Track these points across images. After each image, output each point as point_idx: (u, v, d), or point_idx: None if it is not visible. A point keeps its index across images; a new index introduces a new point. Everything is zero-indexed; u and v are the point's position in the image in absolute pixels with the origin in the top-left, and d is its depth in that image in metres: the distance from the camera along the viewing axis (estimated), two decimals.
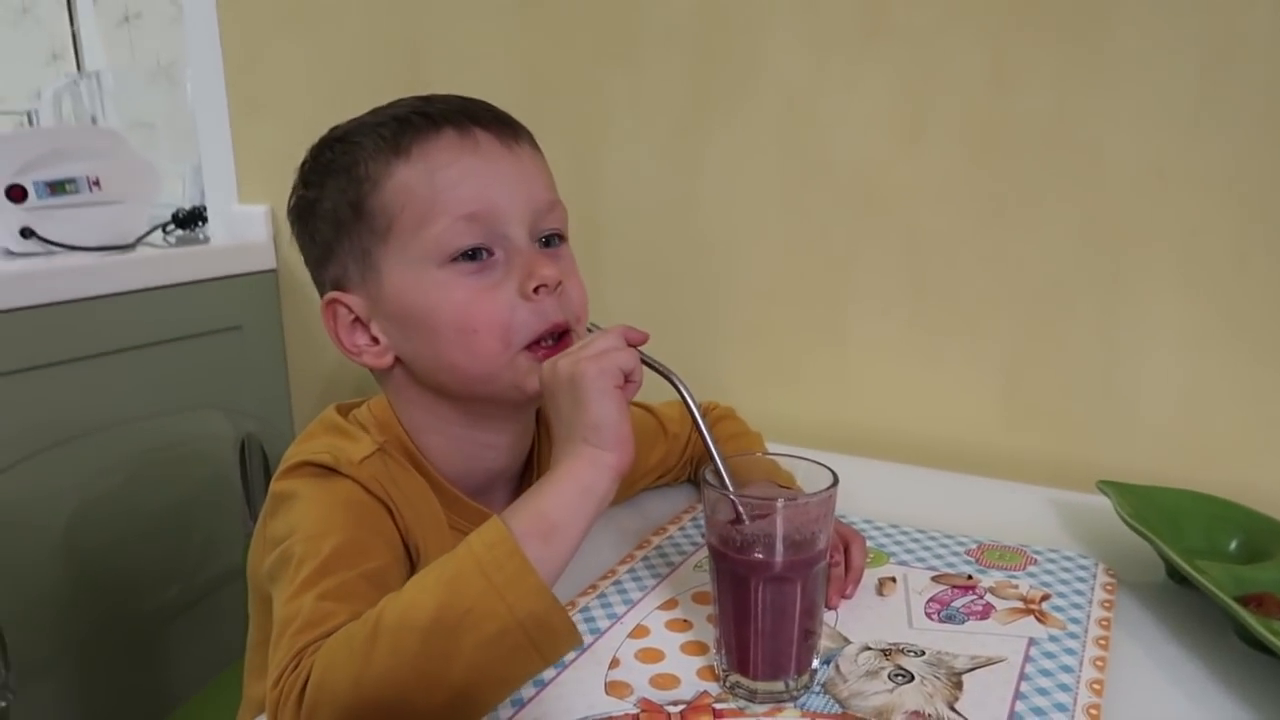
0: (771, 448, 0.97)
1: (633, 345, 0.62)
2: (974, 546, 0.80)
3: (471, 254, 0.65)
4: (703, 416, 0.62)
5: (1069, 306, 0.97)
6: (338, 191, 0.67)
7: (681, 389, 0.62)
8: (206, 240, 1.55)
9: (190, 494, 1.23)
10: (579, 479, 0.57)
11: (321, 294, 0.70)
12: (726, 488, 0.58)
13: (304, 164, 0.70)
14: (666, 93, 1.14)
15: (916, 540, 0.82)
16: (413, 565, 0.66)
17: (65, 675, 1.18)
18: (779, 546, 0.56)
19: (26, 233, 1.30)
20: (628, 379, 0.61)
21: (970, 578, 0.75)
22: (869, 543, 0.81)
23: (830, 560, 0.70)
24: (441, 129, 0.65)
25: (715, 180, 1.13)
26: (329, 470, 0.64)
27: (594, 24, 1.17)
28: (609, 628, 0.67)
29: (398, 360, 0.69)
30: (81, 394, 1.25)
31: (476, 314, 0.64)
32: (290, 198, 0.71)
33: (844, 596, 0.71)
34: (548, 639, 0.51)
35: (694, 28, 1.10)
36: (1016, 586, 0.73)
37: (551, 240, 0.69)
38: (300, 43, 1.43)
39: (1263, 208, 0.87)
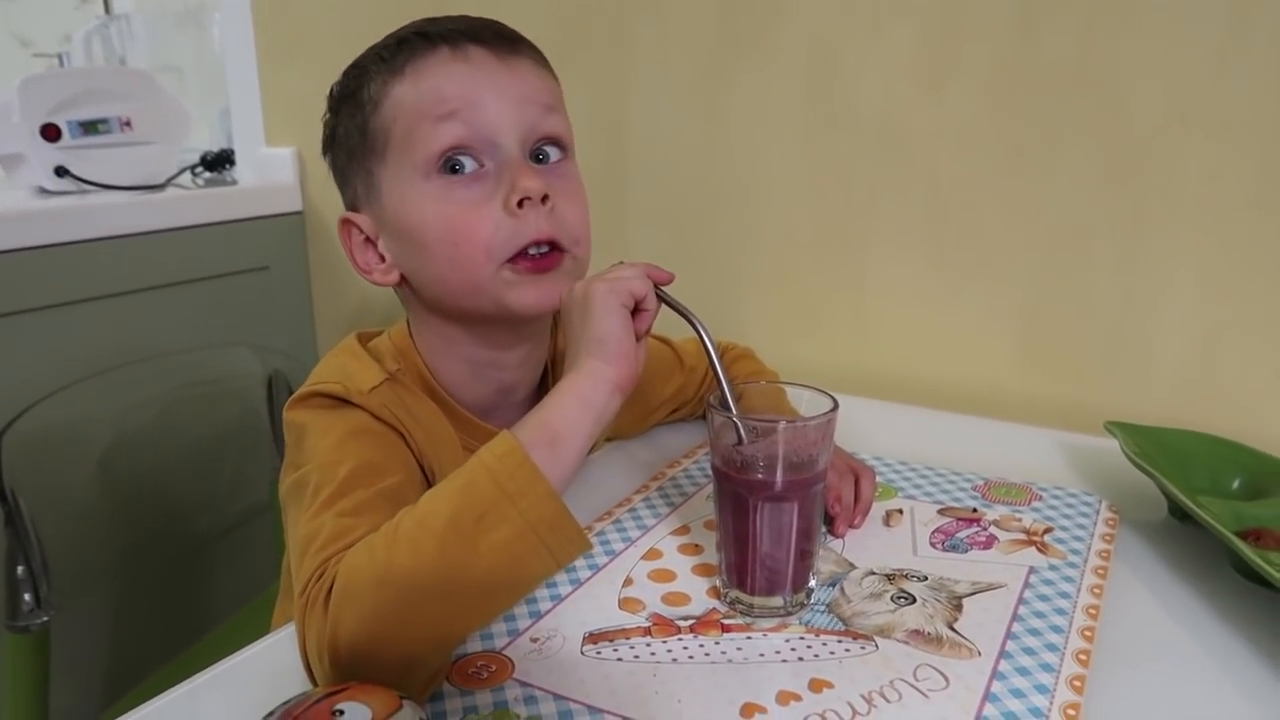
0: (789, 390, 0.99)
1: (655, 282, 0.63)
2: (980, 483, 0.82)
3: (458, 165, 0.64)
4: (718, 353, 0.63)
5: (1087, 251, 0.97)
6: (348, 117, 0.68)
7: (695, 322, 0.63)
8: (234, 183, 1.57)
9: (220, 428, 1.27)
10: (579, 391, 0.59)
11: (346, 206, 0.72)
12: (729, 410, 0.60)
13: (331, 91, 0.71)
14: (692, 36, 1.14)
15: (925, 476, 0.84)
16: (429, 484, 0.68)
17: (101, 597, 1.22)
18: (778, 467, 0.58)
19: (61, 171, 1.33)
20: (640, 306, 0.62)
21: (975, 511, 0.76)
22: (878, 478, 0.83)
23: (835, 494, 0.73)
24: (437, 46, 0.65)
25: (739, 124, 1.14)
26: (339, 400, 0.65)
27: None
28: (623, 550, 0.70)
29: (404, 278, 0.70)
30: (114, 329, 1.29)
31: (460, 227, 0.64)
32: (324, 120, 0.73)
33: (852, 526, 0.73)
34: (559, 541, 0.53)
35: None
36: (1020, 520, 0.75)
37: (547, 154, 0.68)
38: None
39: None
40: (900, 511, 0.76)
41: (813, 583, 0.62)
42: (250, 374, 1.38)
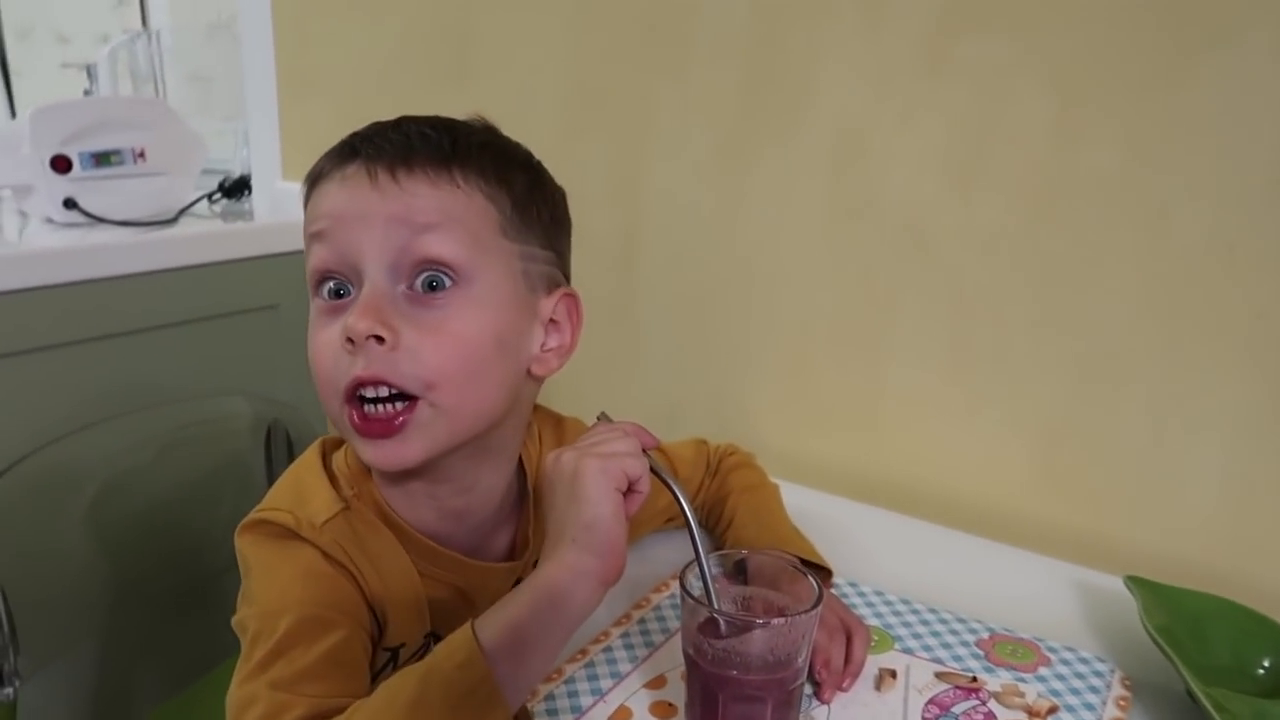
0: (797, 490, 0.95)
1: (643, 449, 0.59)
2: (985, 636, 0.77)
3: (326, 290, 0.62)
4: (700, 531, 0.58)
5: (1118, 379, 0.91)
6: None
7: (682, 502, 0.58)
8: (250, 212, 1.54)
9: (217, 477, 1.24)
10: (558, 587, 0.54)
11: None
12: (708, 595, 0.56)
13: None
14: (714, 110, 1.09)
15: (925, 623, 0.79)
16: (380, 629, 0.65)
17: (84, 650, 1.21)
18: (751, 664, 0.53)
19: (69, 203, 1.31)
20: (632, 487, 0.57)
21: (975, 680, 0.71)
22: (876, 621, 0.78)
23: (824, 657, 0.68)
24: (335, 165, 0.63)
25: (758, 206, 1.09)
26: (290, 533, 0.62)
27: (646, 29, 1.12)
28: (591, 705, 0.65)
29: None
30: (115, 372, 1.26)
31: (311, 356, 0.62)
32: None
33: (840, 690, 0.68)
34: None
35: (747, 45, 1.05)
36: (1023, 695, 0.70)
37: (440, 281, 0.60)
38: (351, 21, 1.40)
39: None
40: (894, 674, 0.71)
41: None
42: (252, 418, 1.35)
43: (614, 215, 1.17)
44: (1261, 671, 0.72)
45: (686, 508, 0.57)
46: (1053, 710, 0.68)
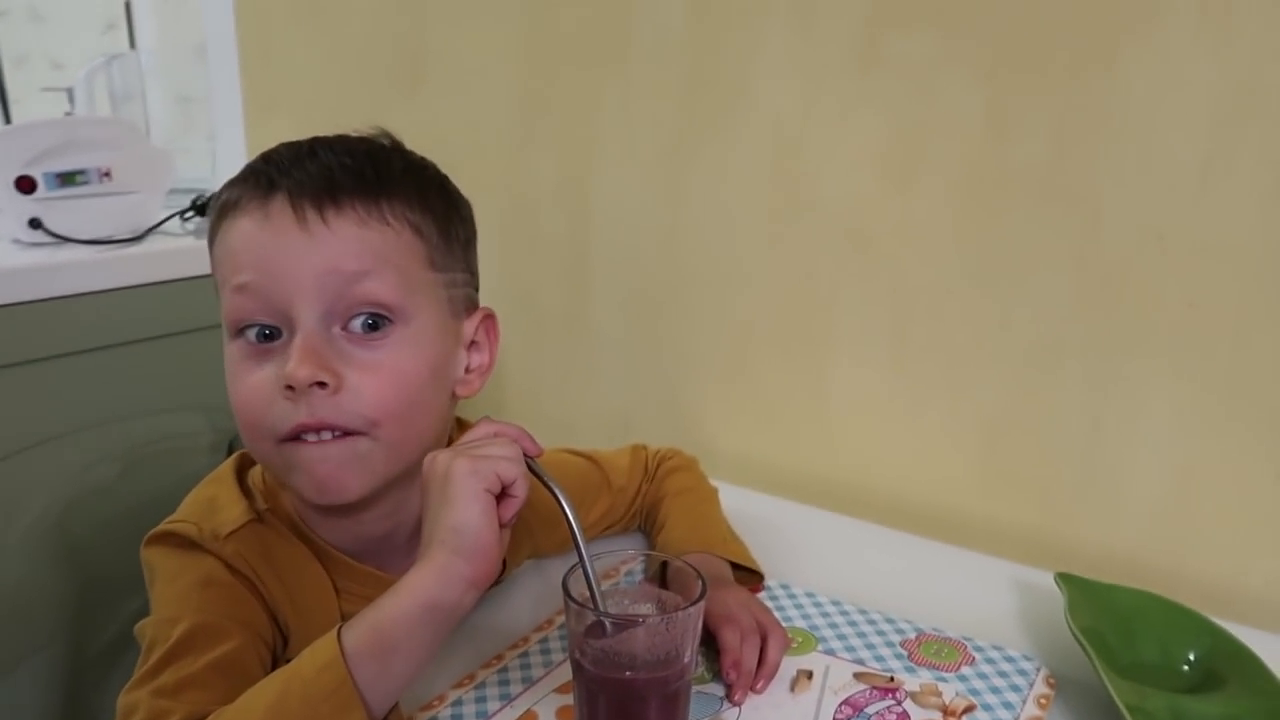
0: (742, 493, 0.94)
1: (526, 455, 0.57)
2: (912, 636, 0.76)
3: (260, 332, 0.60)
4: (581, 532, 0.57)
5: (1056, 371, 0.90)
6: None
7: (564, 505, 0.57)
8: None
9: (178, 492, 1.25)
10: (425, 590, 0.53)
11: None
12: (590, 594, 0.55)
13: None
14: (656, 113, 1.09)
15: (853, 624, 0.78)
16: (284, 641, 0.65)
17: (46, 664, 1.21)
18: (633, 661, 0.53)
19: (35, 223, 1.32)
20: (507, 491, 0.55)
21: (893, 679, 0.70)
22: (803, 623, 0.77)
23: (734, 658, 0.67)
24: (251, 197, 0.61)
25: (701, 207, 1.08)
26: (192, 544, 0.62)
27: (590, 34, 1.12)
28: (497, 710, 0.65)
29: None
30: (79, 388, 1.27)
31: (241, 403, 0.61)
32: None
33: (753, 691, 0.68)
34: None
35: (684, 46, 1.05)
36: (941, 694, 0.68)
37: (375, 322, 0.61)
38: (312, 39, 1.41)
39: (1267, 283, 0.79)
40: (810, 675, 0.70)
41: None
42: (208, 436, 1.36)
43: (564, 221, 1.17)
44: (1187, 666, 0.70)
45: (568, 509, 0.57)
46: (969, 709, 0.67)
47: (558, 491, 0.57)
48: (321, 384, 0.58)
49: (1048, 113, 0.86)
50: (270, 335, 0.60)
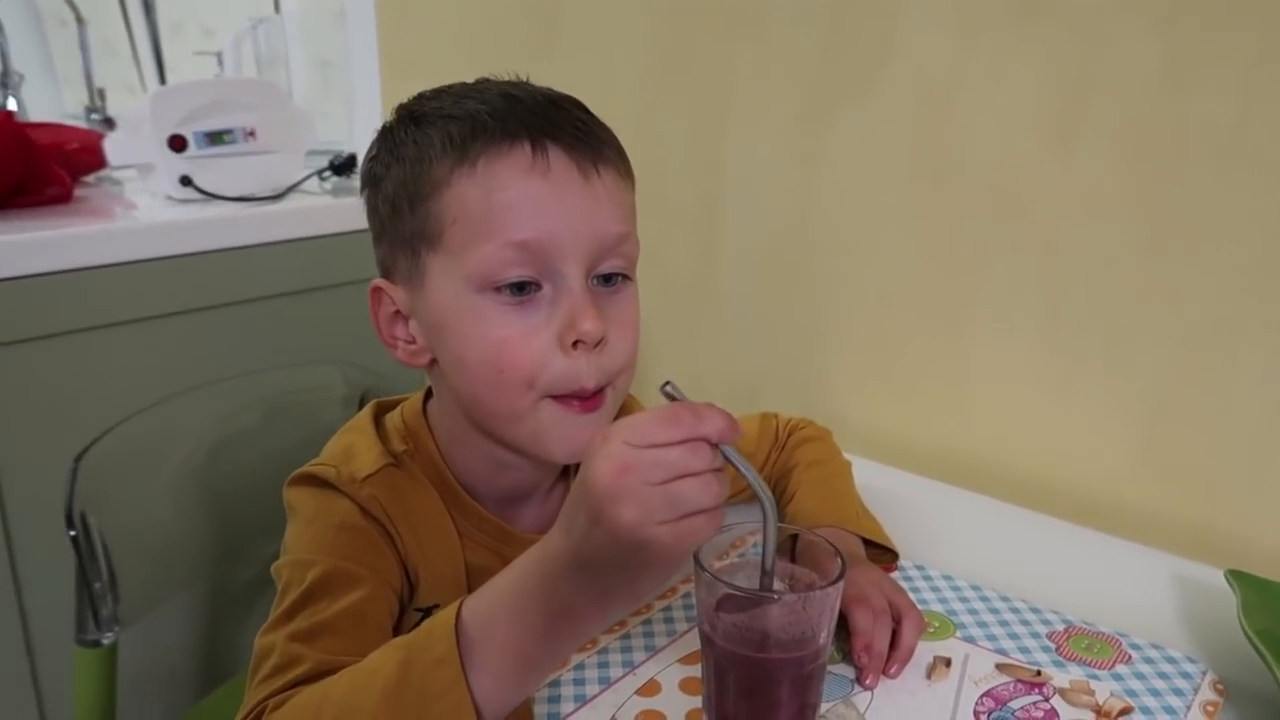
0: (873, 466, 0.90)
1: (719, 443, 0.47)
2: (1060, 628, 0.71)
3: (519, 286, 0.59)
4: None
5: (1231, 353, 0.82)
6: (400, 180, 0.63)
7: (762, 498, 0.50)
8: (357, 189, 1.59)
9: (311, 444, 1.29)
10: (575, 616, 0.47)
11: (377, 264, 0.68)
12: (763, 576, 0.52)
13: (383, 129, 0.66)
14: (794, 72, 1.04)
15: (995, 611, 0.73)
16: (412, 588, 0.65)
17: (181, 605, 1.27)
18: (768, 641, 0.50)
19: (185, 181, 1.37)
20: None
21: (1039, 673, 0.65)
22: (940, 607, 0.73)
23: (865, 641, 0.64)
24: (515, 143, 0.59)
25: (839, 170, 1.03)
26: (330, 486, 0.63)
27: None
28: (620, 678, 0.63)
29: (434, 362, 0.65)
30: (222, 340, 1.32)
31: (506, 355, 0.60)
32: (366, 156, 0.67)
33: (886, 676, 0.64)
34: None
35: (827, 2, 1.00)
36: (1094, 693, 0.63)
37: (612, 279, 0.63)
38: (447, 2, 1.42)
39: None
40: (948, 663, 0.66)
41: None
42: (341, 388, 1.40)
43: (694, 184, 1.15)
44: None
45: (766, 505, 0.50)
46: (1125, 711, 0.61)
47: (753, 481, 0.49)
48: (601, 340, 0.60)
49: (1235, 64, 0.77)
50: (525, 287, 0.60)
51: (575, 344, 0.59)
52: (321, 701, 0.49)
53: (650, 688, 0.62)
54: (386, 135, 0.65)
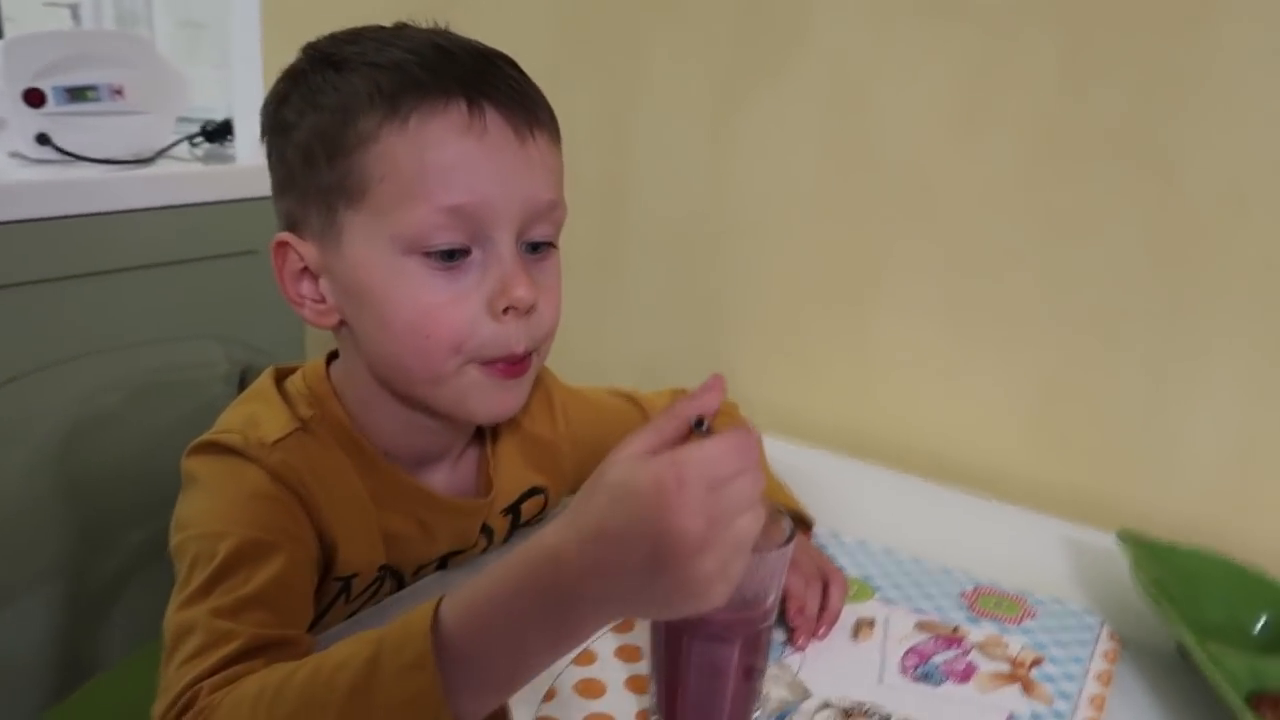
0: (779, 443, 0.91)
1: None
2: (970, 589, 0.74)
3: (447, 252, 0.57)
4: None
5: (1119, 332, 0.88)
6: (316, 129, 0.58)
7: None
8: (233, 157, 1.50)
9: (189, 423, 1.21)
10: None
11: (278, 217, 0.63)
12: None
13: (292, 72, 0.61)
14: (707, 53, 1.05)
15: (908, 574, 0.76)
16: (327, 558, 0.61)
17: (43, 600, 1.17)
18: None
19: (43, 139, 1.26)
20: None
21: (957, 630, 0.68)
22: (856, 572, 0.75)
23: (799, 604, 0.65)
24: (450, 100, 0.57)
25: (750, 156, 1.05)
26: (236, 454, 0.59)
27: None
28: None
29: (344, 323, 0.62)
30: (87, 311, 1.22)
31: (434, 321, 0.58)
32: (269, 100, 0.62)
33: (816, 638, 0.66)
34: None
35: None
36: (1007, 645, 0.67)
37: (540, 247, 0.62)
38: None
39: None
40: (872, 624, 0.68)
41: (758, 713, 0.55)
42: (222, 366, 1.32)
43: (601, 161, 1.14)
44: (1258, 629, 0.69)
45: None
46: (1037, 662, 0.65)
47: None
48: (530, 307, 0.59)
49: (1129, 66, 0.83)
50: (455, 254, 0.58)
51: (506, 310, 0.58)
52: (278, 690, 0.44)
53: (585, 656, 0.62)
54: (299, 79, 0.61)
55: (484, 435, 0.72)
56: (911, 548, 0.79)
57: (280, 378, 0.67)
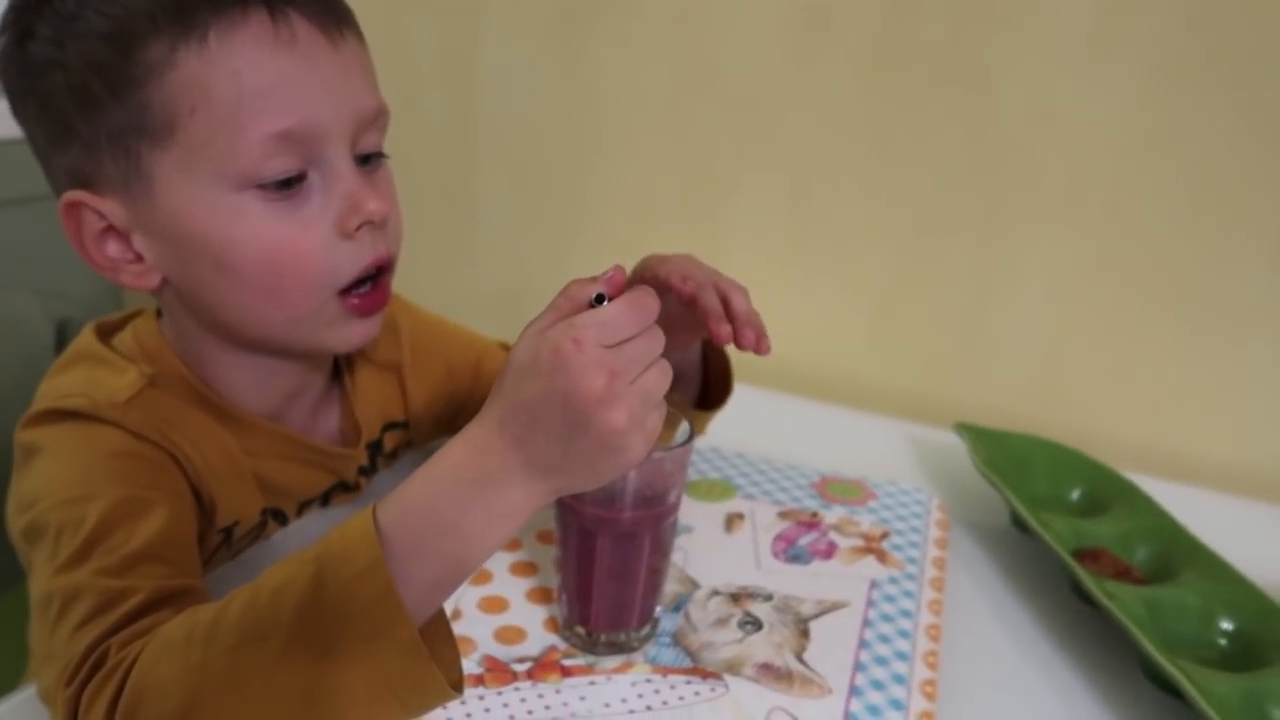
0: None
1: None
2: (817, 479, 0.80)
3: (284, 181, 0.53)
4: None
5: (944, 244, 0.96)
6: (85, 60, 0.50)
7: None
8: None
9: (4, 383, 1.10)
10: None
11: (54, 177, 0.55)
12: None
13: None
14: None
15: (762, 472, 0.81)
16: (205, 512, 0.58)
17: None
18: (627, 501, 0.52)
19: None
20: None
21: (815, 515, 0.75)
22: (715, 474, 0.80)
23: (715, 318, 0.60)
24: (247, 9, 0.50)
25: (596, 79, 1.06)
26: (86, 417, 0.53)
27: None
28: None
29: (166, 281, 0.56)
30: None
31: (285, 255, 0.53)
32: (9, 30, 0.53)
33: (760, 351, 0.60)
34: (417, 698, 0.42)
35: None
36: (858, 524, 0.74)
37: (372, 158, 0.57)
38: None
39: (1141, 160, 0.87)
40: (741, 517, 0.74)
41: (659, 611, 0.58)
42: (33, 319, 1.21)
43: (446, 91, 1.12)
44: (1075, 498, 0.79)
45: None
46: (885, 535, 0.72)
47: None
48: (384, 219, 0.55)
49: None
50: (291, 182, 0.53)
51: (358, 228, 0.54)
52: (211, 628, 0.41)
53: (482, 576, 0.62)
54: (39, 9, 0.52)
55: (339, 371, 0.69)
56: (761, 452, 0.84)
57: (104, 334, 0.61)
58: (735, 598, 0.62)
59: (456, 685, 0.42)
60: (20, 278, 1.19)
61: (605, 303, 0.43)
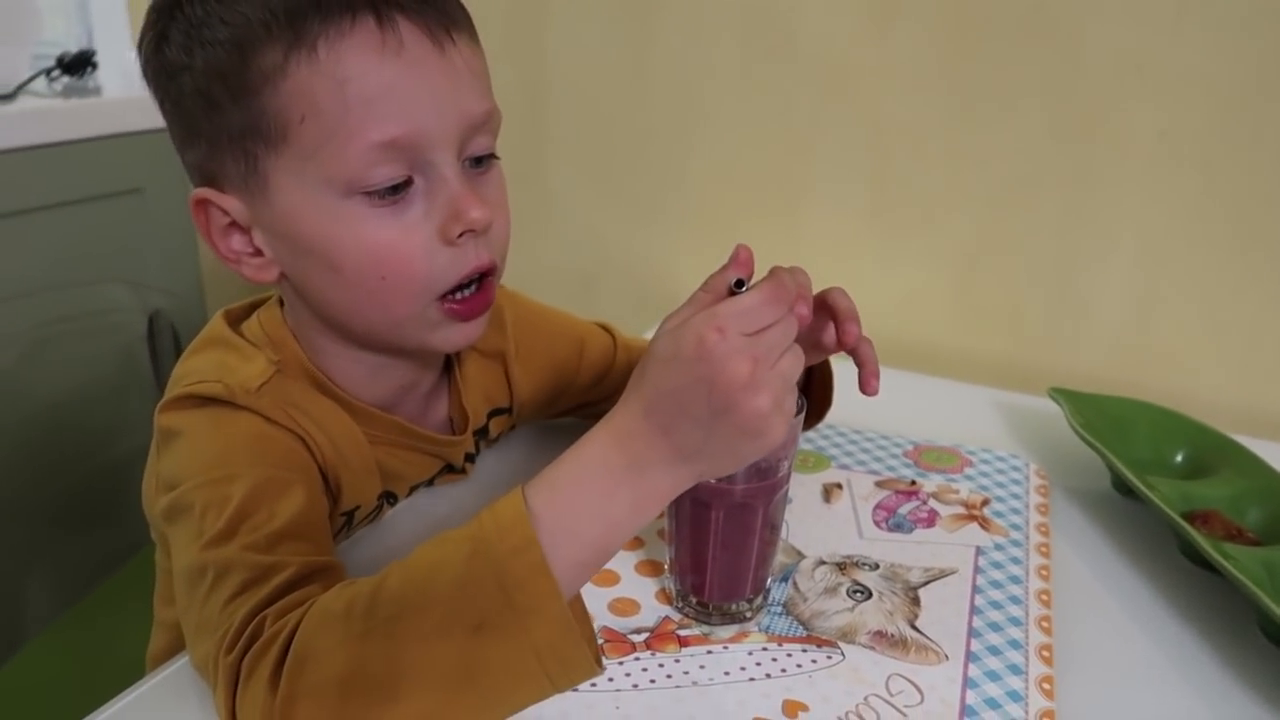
0: None
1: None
2: (910, 448, 0.80)
3: (390, 188, 0.53)
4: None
5: (1030, 206, 0.94)
6: (212, 68, 0.52)
7: None
8: (97, 90, 1.40)
9: (93, 374, 1.15)
10: (662, 501, 0.45)
11: (189, 171, 0.57)
12: None
13: (165, 6, 0.54)
14: None
15: (854, 442, 0.81)
16: (332, 496, 0.60)
17: None
18: (740, 474, 0.52)
19: None
20: None
21: (913, 483, 0.74)
22: (809, 446, 0.80)
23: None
24: (356, 16, 0.51)
25: (670, 50, 1.05)
26: (222, 404, 0.55)
27: None
28: None
29: (284, 275, 0.58)
30: None
31: (387, 259, 0.54)
32: (146, 41, 0.55)
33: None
34: (564, 672, 0.43)
35: None
36: (957, 491, 0.73)
37: (482, 160, 0.57)
38: None
39: (1236, 114, 0.85)
40: (839, 486, 0.74)
41: (770, 582, 0.59)
42: (126, 311, 1.25)
43: (515, 71, 1.13)
44: (1179, 461, 0.77)
45: None
46: (986, 502, 0.72)
47: None
48: (487, 227, 0.55)
49: None
50: (397, 188, 0.53)
51: (461, 235, 0.54)
52: (371, 600, 0.43)
53: (607, 577, 0.63)
54: (173, 14, 0.53)
55: (450, 363, 0.70)
56: (852, 423, 0.84)
57: (233, 321, 0.63)
58: (841, 566, 0.63)
59: (599, 661, 0.44)
60: (115, 271, 1.24)
61: (744, 287, 0.45)
